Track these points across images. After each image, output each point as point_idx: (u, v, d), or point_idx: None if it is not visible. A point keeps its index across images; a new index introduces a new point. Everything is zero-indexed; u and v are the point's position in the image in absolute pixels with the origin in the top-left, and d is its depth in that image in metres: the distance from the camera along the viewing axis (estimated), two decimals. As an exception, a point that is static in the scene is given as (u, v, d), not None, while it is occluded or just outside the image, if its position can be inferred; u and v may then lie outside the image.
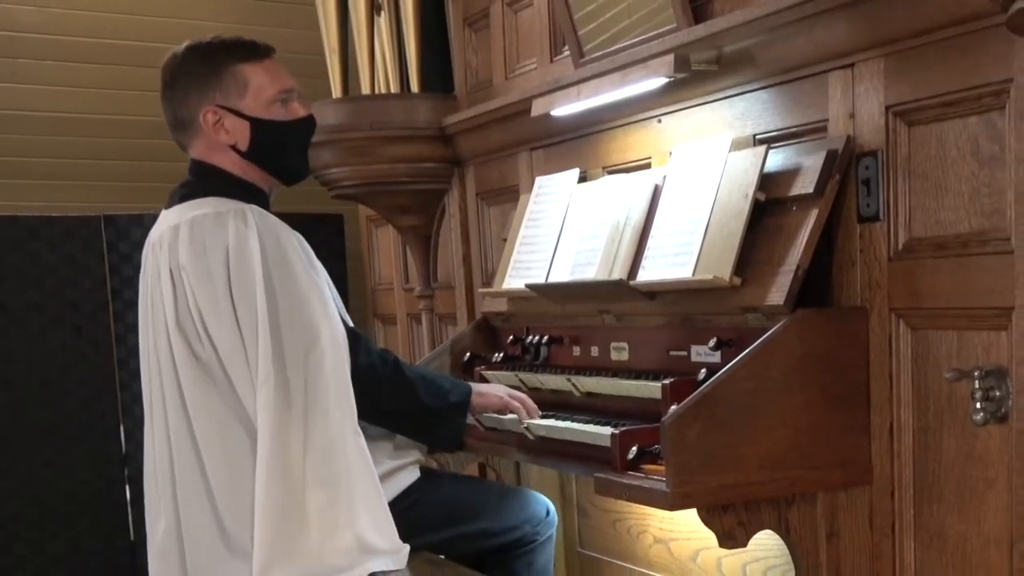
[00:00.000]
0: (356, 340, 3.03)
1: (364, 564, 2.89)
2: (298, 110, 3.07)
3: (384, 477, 3.06)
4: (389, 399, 3.10)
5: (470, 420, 3.36)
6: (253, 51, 3.02)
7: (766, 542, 3.06)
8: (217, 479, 2.92)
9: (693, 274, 2.98)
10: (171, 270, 2.91)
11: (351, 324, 3.13)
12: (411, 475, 3.25)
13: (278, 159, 3.07)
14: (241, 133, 2.99)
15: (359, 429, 2.94)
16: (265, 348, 2.81)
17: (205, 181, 3.02)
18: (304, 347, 2.85)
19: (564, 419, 3.29)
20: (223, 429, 2.89)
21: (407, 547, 2.98)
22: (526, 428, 3.33)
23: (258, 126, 3.00)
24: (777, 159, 2.94)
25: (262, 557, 2.84)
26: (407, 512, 3.09)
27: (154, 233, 3.02)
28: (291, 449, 2.83)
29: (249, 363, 2.84)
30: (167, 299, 2.91)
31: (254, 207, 2.93)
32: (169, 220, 2.97)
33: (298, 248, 2.93)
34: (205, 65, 2.98)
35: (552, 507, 3.54)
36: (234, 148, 3.00)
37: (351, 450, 2.90)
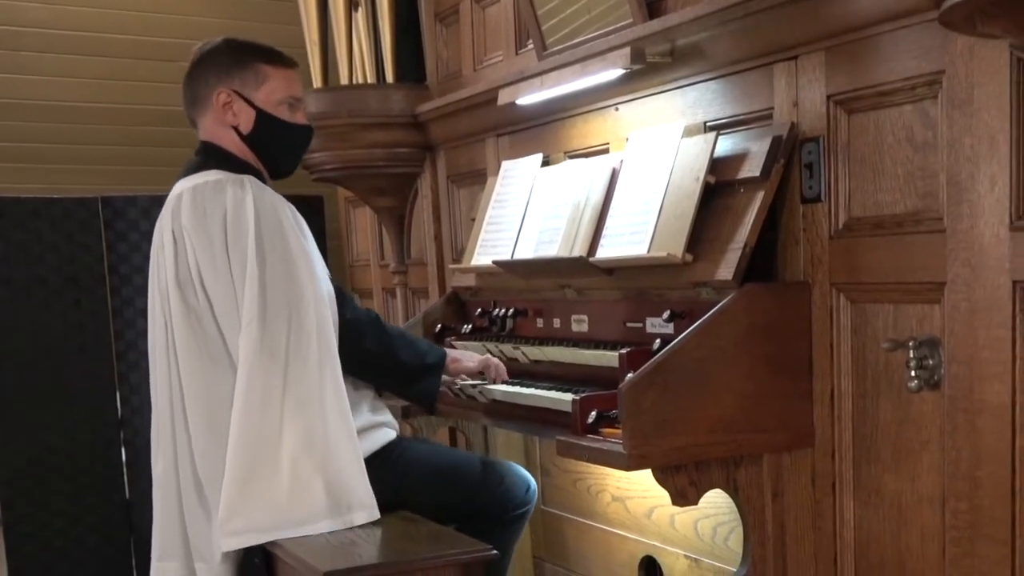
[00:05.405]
0: (342, 297, 3.08)
1: (328, 520, 2.88)
2: (300, 118, 3.15)
3: (363, 431, 3.04)
4: (370, 352, 3.11)
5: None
6: (278, 58, 3.12)
7: (716, 500, 3.03)
8: (197, 430, 2.96)
9: (648, 251, 2.96)
10: (173, 232, 2.98)
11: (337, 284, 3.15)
12: (389, 434, 3.20)
13: (273, 151, 3.13)
14: (246, 118, 3.06)
15: (342, 385, 2.95)
16: (251, 299, 2.86)
17: (209, 157, 3.09)
18: (288, 302, 2.89)
19: (529, 386, 3.27)
20: (208, 383, 2.93)
21: (374, 501, 2.95)
22: (479, 392, 3.32)
23: (263, 117, 3.07)
24: (726, 145, 2.92)
25: (229, 501, 2.85)
26: (383, 468, 3.06)
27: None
28: (270, 393, 2.86)
29: (239, 315, 2.89)
30: (168, 258, 2.98)
31: (251, 177, 3.00)
32: (175, 190, 3.05)
33: (290, 215, 2.98)
34: (233, 56, 3.07)
35: (533, 484, 3.39)
36: (236, 129, 3.07)
37: (329, 402, 2.91)
